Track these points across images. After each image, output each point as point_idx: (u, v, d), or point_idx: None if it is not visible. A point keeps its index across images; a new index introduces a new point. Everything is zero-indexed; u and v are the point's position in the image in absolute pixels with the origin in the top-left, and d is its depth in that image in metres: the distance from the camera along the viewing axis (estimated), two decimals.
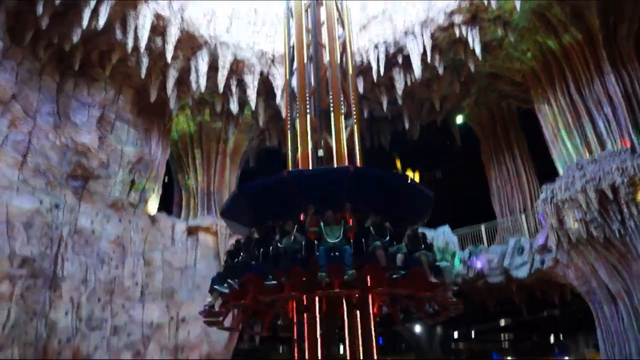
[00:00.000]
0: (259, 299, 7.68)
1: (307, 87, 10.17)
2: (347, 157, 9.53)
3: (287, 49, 11.18)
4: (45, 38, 13.44)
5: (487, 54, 15.61)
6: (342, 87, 10.20)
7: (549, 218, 14.20)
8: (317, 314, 8.10)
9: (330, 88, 10.03)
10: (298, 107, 9.98)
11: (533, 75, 16.09)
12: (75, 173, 14.06)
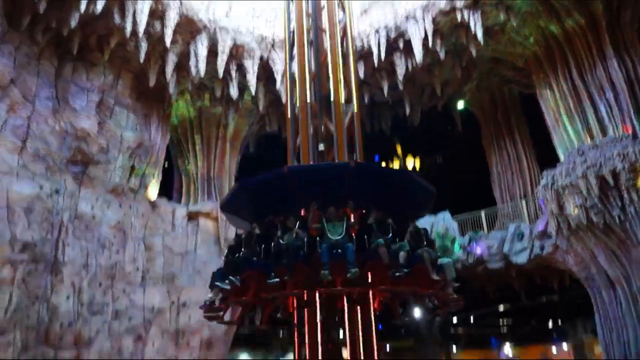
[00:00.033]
0: (261, 296, 7.58)
1: (307, 72, 10.08)
2: (347, 142, 9.49)
3: (287, 34, 11.05)
4: (43, 22, 13.28)
5: (489, 39, 15.47)
6: (342, 72, 10.12)
7: (549, 204, 14.20)
8: (317, 308, 7.99)
9: (331, 73, 9.93)
10: (298, 92, 9.91)
11: (535, 60, 15.97)
12: (75, 158, 14.02)
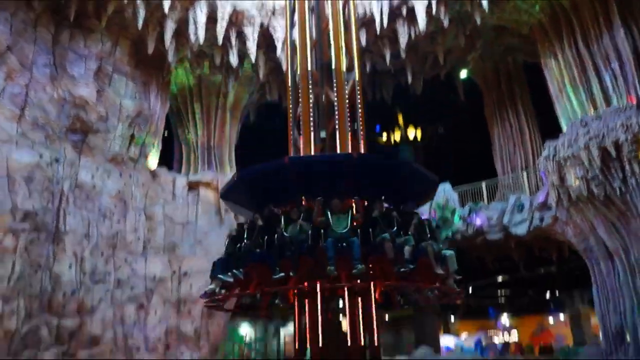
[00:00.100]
0: (264, 290, 7.49)
1: (308, 39, 9.90)
2: (348, 112, 9.41)
3: (288, 0, 10.85)
4: None
5: (494, 6, 15.12)
6: (344, 39, 9.96)
7: (550, 175, 14.15)
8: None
9: (332, 40, 9.77)
10: (299, 60, 9.76)
11: (540, 29, 15.67)
12: (74, 127, 13.89)
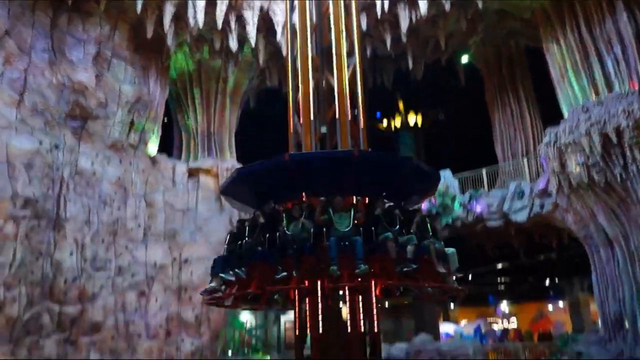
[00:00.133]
0: (265, 289, 7.39)
1: (308, 23, 9.81)
2: (349, 97, 9.35)
3: None
4: None
5: None
6: (344, 23, 9.87)
7: (551, 162, 14.13)
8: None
9: (333, 24, 9.68)
10: (299, 44, 9.67)
11: (543, 13, 15.53)
12: (74, 113, 13.80)
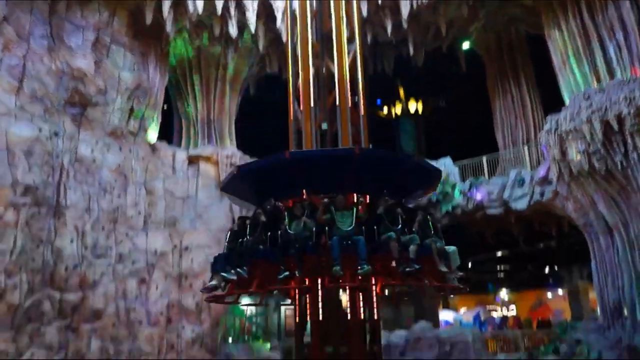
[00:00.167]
0: (267, 288, 7.33)
1: (308, 9, 9.71)
2: (349, 84, 9.29)
3: None
4: None
5: None
6: (345, 9, 9.78)
7: (552, 149, 14.09)
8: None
9: (333, 10, 9.57)
10: (299, 30, 9.59)
11: None
12: (73, 99, 13.75)
